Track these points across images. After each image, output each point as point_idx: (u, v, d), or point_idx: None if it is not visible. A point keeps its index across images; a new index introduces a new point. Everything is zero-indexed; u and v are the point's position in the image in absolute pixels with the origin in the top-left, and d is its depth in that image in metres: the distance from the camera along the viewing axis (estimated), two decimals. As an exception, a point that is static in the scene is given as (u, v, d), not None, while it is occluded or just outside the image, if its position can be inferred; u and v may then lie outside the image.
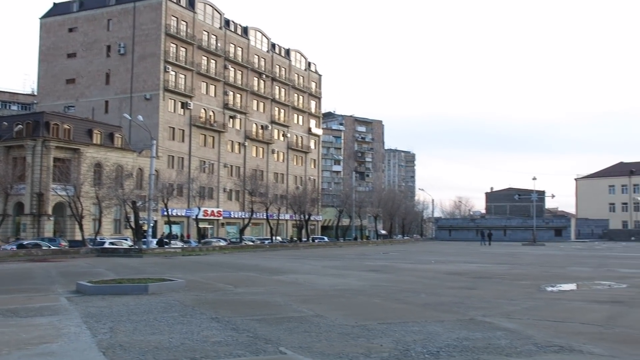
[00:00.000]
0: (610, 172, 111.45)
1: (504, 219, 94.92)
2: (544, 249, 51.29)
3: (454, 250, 46.11)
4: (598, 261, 30.30)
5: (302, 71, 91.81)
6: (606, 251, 44.92)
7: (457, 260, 31.08)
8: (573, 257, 35.97)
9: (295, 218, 68.61)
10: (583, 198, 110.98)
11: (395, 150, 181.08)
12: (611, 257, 35.40)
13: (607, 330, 9.14)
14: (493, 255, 37.60)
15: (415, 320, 9.93)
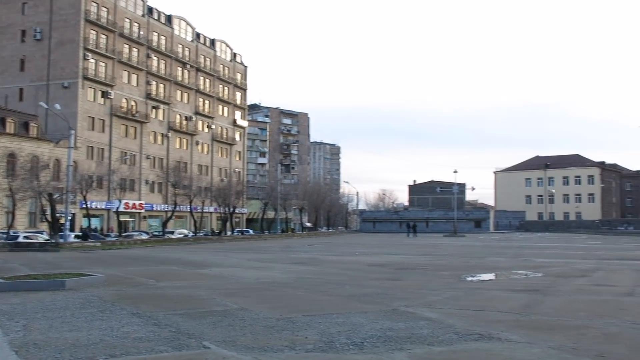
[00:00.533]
0: (527, 166, 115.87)
1: (427, 211, 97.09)
2: (464, 240, 52.78)
3: (378, 242, 46.78)
4: (515, 251, 31.39)
5: (227, 62, 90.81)
6: (522, 242, 46.64)
7: (380, 252, 31.51)
8: (492, 247, 37.14)
9: (220, 211, 67.96)
10: (501, 191, 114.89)
11: (320, 143, 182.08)
12: (527, 247, 36.77)
13: (523, 317, 9.46)
14: (415, 247, 38.36)
15: (339, 311, 9.99)
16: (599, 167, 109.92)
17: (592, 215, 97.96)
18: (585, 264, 22.05)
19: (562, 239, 50.72)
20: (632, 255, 28.06)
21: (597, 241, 46.13)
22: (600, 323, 8.94)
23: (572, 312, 10.16)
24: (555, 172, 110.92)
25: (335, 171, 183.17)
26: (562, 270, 18.95)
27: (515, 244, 43.11)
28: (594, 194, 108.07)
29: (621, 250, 32.16)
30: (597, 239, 50.30)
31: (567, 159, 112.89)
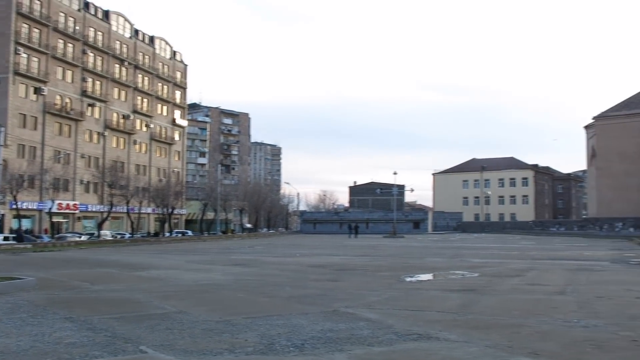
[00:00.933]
0: (464, 168, 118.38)
1: (367, 212, 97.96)
2: (403, 241, 53.50)
3: (319, 243, 46.92)
4: (452, 252, 31.99)
5: (166, 60, 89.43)
6: (460, 242, 47.61)
7: (321, 253, 31.58)
8: (430, 248, 37.75)
9: (158, 212, 66.86)
10: (439, 192, 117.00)
11: (261, 144, 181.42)
12: (464, 248, 37.54)
13: (461, 317, 9.65)
14: (355, 248, 38.62)
15: (280, 313, 9.96)
16: (532, 170, 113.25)
17: (526, 216, 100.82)
18: (519, 264, 22.66)
19: (498, 240, 52.02)
20: (563, 255, 29.01)
21: (530, 242, 47.51)
22: (534, 321, 9.20)
23: (507, 311, 10.41)
24: (491, 175, 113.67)
25: (276, 172, 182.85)
26: (497, 270, 19.42)
27: (452, 244, 43.95)
28: (527, 195, 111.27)
29: (553, 251, 33.21)
30: (530, 240, 51.81)
31: (502, 162, 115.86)
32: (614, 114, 65.08)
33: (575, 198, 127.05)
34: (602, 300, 11.82)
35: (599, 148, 65.82)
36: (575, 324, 8.99)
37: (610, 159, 63.93)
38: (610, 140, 64.02)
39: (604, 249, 34.79)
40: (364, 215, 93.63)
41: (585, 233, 60.20)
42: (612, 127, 64.47)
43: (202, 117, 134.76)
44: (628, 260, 24.32)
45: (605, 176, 64.48)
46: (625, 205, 61.39)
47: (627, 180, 62.29)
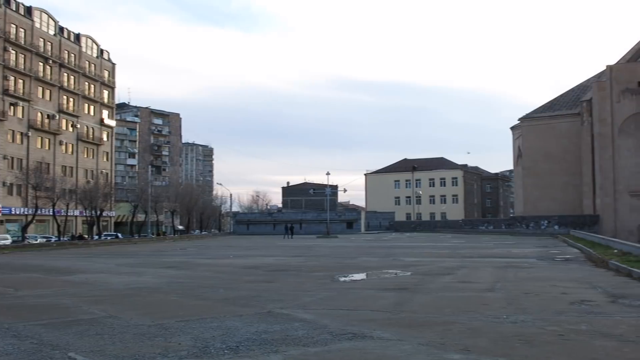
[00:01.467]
0: (395, 168, 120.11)
1: (300, 213, 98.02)
2: (337, 240, 53.87)
3: (252, 244, 46.70)
4: (385, 251, 32.40)
5: (94, 58, 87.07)
6: (392, 242, 48.29)
7: (255, 254, 31.46)
8: (363, 248, 38.12)
9: (86, 214, 65.06)
10: (372, 192, 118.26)
11: (193, 145, 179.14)
12: (397, 247, 38.09)
13: (394, 315, 9.80)
14: (289, 248, 38.63)
15: (214, 316, 9.87)
16: (461, 170, 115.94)
17: (456, 215, 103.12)
18: (450, 262, 23.19)
19: (429, 239, 53.06)
20: (492, 253, 29.85)
21: (460, 240, 48.68)
22: (465, 318, 9.43)
23: (439, 308, 10.65)
24: (422, 175, 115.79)
25: (208, 173, 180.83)
26: (429, 269, 19.81)
27: (385, 244, 44.53)
28: (457, 195, 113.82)
29: (482, 249, 34.13)
30: (460, 238, 53.09)
31: (433, 162, 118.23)
32: (538, 115, 67.35)
33: (503, 197, 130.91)
34: (529, 297, 12.23)
35: (525, 148, 67.98)
36: (505, 320, 9.28)
37: (535, 159, 66.11)
38: (536, 140, 66.20)
39: (531, 246, 36.01)
40: (298, 215, 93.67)
41: (513, 231, 62.08)
42: (537, 128, 66.71)
43: (132, 117, 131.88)
44: (553, 257, 25.25)
45: (531, 175, 66.62)
46: (550, 204, 63.65)
47: (551, 180, 64.55)
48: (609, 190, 56.36)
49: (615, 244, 27.26)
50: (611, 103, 56.31)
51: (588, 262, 21.99)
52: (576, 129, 62.07)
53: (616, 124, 55.97)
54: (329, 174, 74.57)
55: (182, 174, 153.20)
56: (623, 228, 54.45)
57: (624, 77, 56.07)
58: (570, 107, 65.46)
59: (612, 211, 55.98)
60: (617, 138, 55.92)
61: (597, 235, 37.51)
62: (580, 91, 67.39)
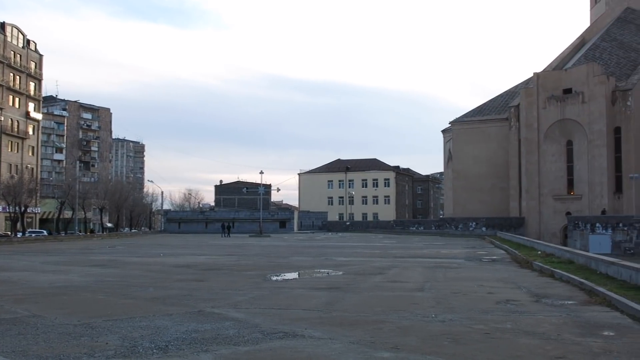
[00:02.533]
0: (329, 168, 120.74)
1: (233, 212, 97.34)
2: (269, 240, 53.75)
3: (183, 243, 46.09)
4: (318, 251, 32.57)
5: (19, 49, 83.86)
6: (325, 241, 48.56)
7: (186, 253, 31.08)
8: (296, 247, 38.19)
9: (10, 210, 62.66)
10: (305, 192, 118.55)
11: (123, 140, 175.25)
12: (329, 247, 38.32)
13: (325, 314, 9.86)
14: (221, 247, 38.33)
15: (143, 315, 9.69)
16: (394, 171, 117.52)
17: (387, 216, 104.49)
18: (381, 262, 23.51)
19: (361, 239, 53.61)
20: (422, 253, 30.42)
21: (392, 240, 49.39)
22: (395, 317, 9.58)
23: (370, 307, 10.78)
24: (355, 175, 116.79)
25: (139, 170, 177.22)
26: (361, 268, 20.02)
27: (318, 243, 44.74)
28: (389, 196, 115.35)
29: (413, 249, 34.73)
30: (392, 239, 53.86)
31: (366, 163, 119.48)
32: (468, 119, 68.96)
33: (434, 199, 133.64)
34: (457, 296, 12.53)
35: (455, 151, 69.48)
36: (434, 319, 9.47)
37: (465, 162, 67.63)
38: (466, 144, 67.75)
39: (459, 247, 36.87)
40: (231, 214, 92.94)
41: (442, 232, 63.44)
42: (466, 131, 68.28)
43: (59, 111, 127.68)
44: (480, 258, 25.94)
45: (460, 178, 68.10)
46: (478, 206, 65.27)
47: (480, 183, 66.18)
48: (534, 193, 58.25)
49: (540, 245, 28.24)
50: (537, 109, 58.19)
51: (514, 263, 22.70)
52: (504, 133, 63.83)
53: (542, 130, 57.86)
54: (262, 173, 74.32)
55: (112, 170, 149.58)
56: (547, 230, 56.43)
57: (550, 84, 58.00)
58: (499, 112, 67.31)
59: (537, 214, 57.87)
60: (542, 143, 57.81)
61: (522, 237, 38.77)
62: (508, 97, 69.36)
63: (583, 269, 16.77)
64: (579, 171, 55.90)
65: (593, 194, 54.12)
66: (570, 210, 54.15)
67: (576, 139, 56.24)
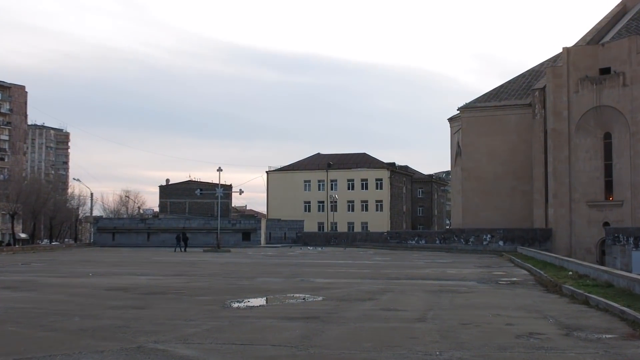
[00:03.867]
0: (306, 165, 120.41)
1: (183, 219, 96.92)
2: (230, 256, 53.57)
3: (119, 259, 45.80)
4: (291, 270, 32.50)
5: None
6: (300, 258, 48.47)
7: (122, 272, 30.94)
8: (263, 265, 38.11)
9: None
10: (275, 195, 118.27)
11: (42, 127, 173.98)
12: (305, 264, 38.26)
13: (301, 351, 9.82)
14: (168, 265, 38.14)
15: (66, 352, 9.59)
16: (388, 169, 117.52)
17: (380, 226, 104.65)
18: (372, 284, 23.52)
19: (347, 255, 53.64)
20: (423, 273, 30.50)
21: (385, 257, 49.45)
22: (389, 355, 9.57)
23: (357, 343, 10.74)
24: (339, 174, 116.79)
25: (62, 165, 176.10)
26: (346, 293, 20.01)
27: (291, 260, 44.67)
28: (382, 200, 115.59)
29: (412, 268, 34.80)
30: (385, 255, 53.94)
31: (353, 159, 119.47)
32: (482, 105, 69.28)
33: (438, 204, 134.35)
34: (467, 328, 12.55)
35: (465, 145, 69.75)
36: (438, 357, 9.47)
37: (477, 158, 67.87)
38: (478, 136, 67.98)
39: (471, 266, 37.00)
40: (180, 223, 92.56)
41: (449, 247, 63.70)
42: (480, 120, 68.56)
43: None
44: (497, 280, 26.07)
45: (471, 179, 68.36)
46: (494, 214, 65.58)
47: (496, 185, 66.45)
48: (564, 199, 58.58)
49: (570, 264, 28.43)
50: (568, 93, 58.49)
51: (538, 286, 22.83)
52: (527, 123, 64.10)
53: (573, 119, 58.17)
54: (220, 171, 73.99)
55: (27, 165, 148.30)
56: (580, 245, 56.75)
57: (583, 62, 58.26)
58: (521, 96, 67.67)
59: (567, 224, 58.18)
60: (574, 136, 58.13)
61: (549, 254, 39.01)
62: (532, 77, 69.75)
63: (625, 293, 16.90)
64: (619, 171, 56.26)
65: (637, 200, 54.50)
66: (608, 220, 54.59)
67: (616, 131, 56.63)
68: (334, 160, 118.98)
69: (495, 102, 68.85)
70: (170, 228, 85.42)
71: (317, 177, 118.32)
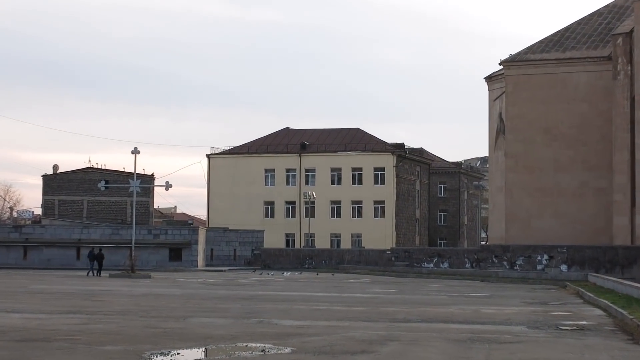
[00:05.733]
0: (268, 146, 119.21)
1: (78, 228, 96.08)
2: (150, 283, 53.57)
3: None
4: (244, 306, 32.54)
5: None
6: (258, 288, 48.49)
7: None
8: (202, 298, 38.08)
9: None
10: (221, 191, 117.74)
11: None
12: (266, 298, 38.30)
13: None
14: (55, 297, 38.09)
15: None
16: (393, 154, 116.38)
17: (380, 240, 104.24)
18: (367, 329, 23.57)
19: (330, 284, 53.65)
20: (446, 314, 30.57)
21: (388, 288, 49.49)
22: None
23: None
24: (318, 160, 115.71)
25: None
26: (327, 342, 20.05)
27: (244, 291, 44.71)
28: (383, 201, 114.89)
29: (428, 305, 34.90)
30: (388, 284, 53.95)
31: (340, 137, 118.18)
32: (536, 59, 69.02)
33: (469, 208, 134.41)
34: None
35: (511, 118, 69.74)
36: None
37: (529, 138, 67.81)
38: (531, 104, 67.81)
39: (517, 302, 37.13)
40: (73, 233, 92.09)
41: (485, 273, 63.69)
42: (533, 80, 68.29)
43: None
44: (557, 324, 26.15)
45: (520, 169, 68.35)
46: (553, 224, 65.61)
47: (557, 179, 66.50)
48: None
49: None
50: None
51: (619, 334, 22.95)
52: (603, 85, 64.29)
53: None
54: (137, 153, 73.61)
55: None
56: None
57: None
58: (595, 45, 67.78)
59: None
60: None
61: (637, 285, 39.03)
62: (611, 17, 69.85)
63: None
64: None
65: None
66: None
67: None
68: (310, 139, 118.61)
69: (557, 54, 68.87)
70: (58, 241, 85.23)
71: (285, 164, 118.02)
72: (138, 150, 71.82)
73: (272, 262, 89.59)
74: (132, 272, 66.33)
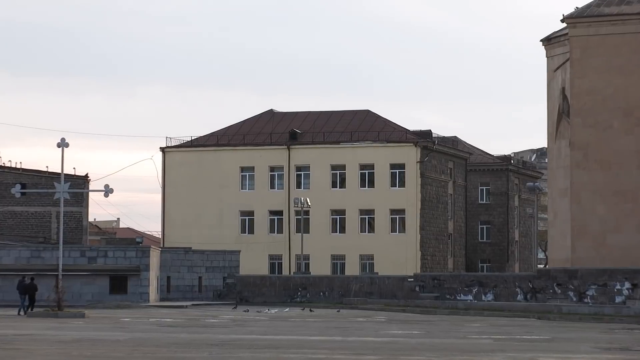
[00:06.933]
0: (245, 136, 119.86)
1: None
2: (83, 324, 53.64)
3: None
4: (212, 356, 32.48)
5: None
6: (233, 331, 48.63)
7: None
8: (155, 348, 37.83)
9: None
10: (180, 198, 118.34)
11: None
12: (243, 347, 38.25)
13: None
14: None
15: None
16: (416, 145, 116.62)
17: (399, 263, 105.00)
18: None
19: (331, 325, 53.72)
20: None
21: (410, 328, 49.66)
22: None
23: None
24: (314, 154, 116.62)
25: None
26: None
27: (213, 335, 44.73)
28: (404, 210, 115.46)
29: (465, 352, 34.83)
30: (412, 324, 54.12)
31: (344, 122, 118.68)
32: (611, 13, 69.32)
33: (521, 218, 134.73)
34: None
35: (577, 94, 69.88)
36: None
37: (604, 121, 68.06)
38: (604, 74, 68.10)
39: (588, 347, 37.11)
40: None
41: (543, 308, 63.82)
42: (607, 42, 68.49)
43: None
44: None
45: (591, 164, 68.53)
46: (637, 238, 65.75)
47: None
48: None
49: None
50: None
51: None
52: None
53: None
54: (66, 146, 73.74)
55: None
56: None
57: None
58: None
59: None
60: None
61: None
62: None
63: None
64: None
65: None
66: None
67: None
68: (303, 126, 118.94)
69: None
70: None
71: (269, 160, 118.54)
72: (66, 142, 71.82)
73: (251, 295, 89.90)
74: (59, 309, 66.30)
